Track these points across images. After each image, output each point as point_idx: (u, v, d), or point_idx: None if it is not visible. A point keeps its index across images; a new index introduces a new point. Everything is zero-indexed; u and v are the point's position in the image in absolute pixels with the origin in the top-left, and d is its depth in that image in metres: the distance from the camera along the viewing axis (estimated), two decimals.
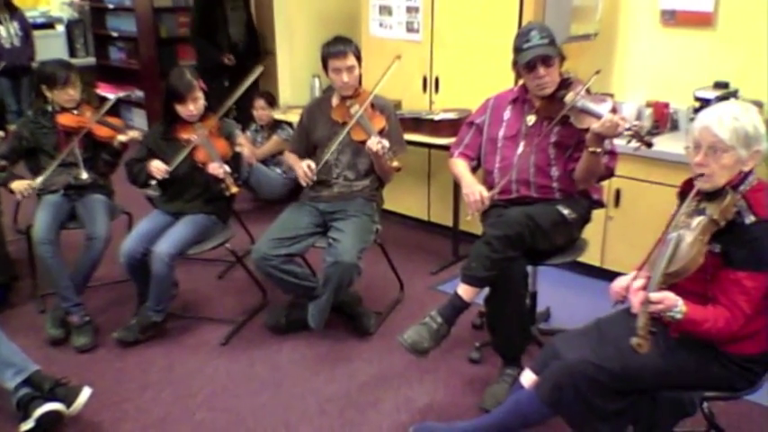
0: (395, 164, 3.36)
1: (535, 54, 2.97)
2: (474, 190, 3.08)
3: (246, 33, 6.06)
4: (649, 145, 2.82)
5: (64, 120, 3.73)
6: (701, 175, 2.24)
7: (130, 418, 3.00)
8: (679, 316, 2.15)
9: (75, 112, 3.77)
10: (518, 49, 3.04)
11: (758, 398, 2.73)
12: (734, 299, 2.18)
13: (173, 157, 3.53)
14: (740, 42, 3.87)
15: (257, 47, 6.12)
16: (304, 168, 3.46)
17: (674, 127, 4.12)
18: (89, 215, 3.67)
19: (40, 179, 3.63)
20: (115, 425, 2.95)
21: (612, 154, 3.09)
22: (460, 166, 3.28)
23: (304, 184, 3.49)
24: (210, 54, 5.94)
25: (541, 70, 3.00)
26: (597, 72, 3.01)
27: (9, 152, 3.75)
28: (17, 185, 3.60)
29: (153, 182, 3.56)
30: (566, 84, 3.06)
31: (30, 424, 2.78)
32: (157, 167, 3.52)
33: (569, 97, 2.98)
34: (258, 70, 3.87)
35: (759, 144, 2.22)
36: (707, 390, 2.33)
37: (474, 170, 3.31)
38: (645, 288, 2.19)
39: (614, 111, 2.88)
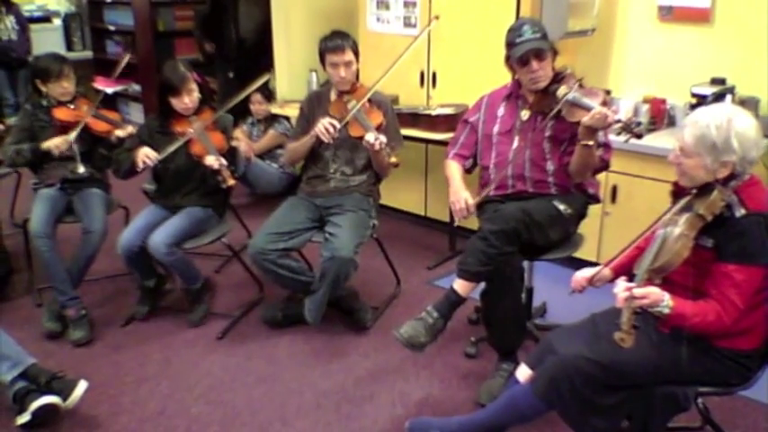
0: (393, 160, 3.36)
1: (528, 48, 2.97)
2: (459, 197, 3.09)
3: (256, 30, 6.08)
4: (639, 136, 2.84)
5: (60, 114, 3.72)
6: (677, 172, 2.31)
7: (127, 412, 3.00)
8: (666, 311, 2.17)
9: (72, 106, 3.77)
10: (510, 44, 3.03)
11: (752, 393, 2.74)
12: (725, 292, 2.19)
13: (167, 150, 3.52)
14: (737, 38, 3.87)
15: (269, 44, 6.12)
16: (325, 124, 3.35)
17: (671, 123, 4.12)
18: (86, 209, 3.67)
19: (74, 133, 3.63)
20: (111, 418, 2.96)
21: (607, 146, 3.10)
22: (452, 170, 3.28)
23: (325, 140, 3.36)
24: (200, 45, 6.21)
25: (534, 64, 3.00)
26: (580, 80, 3.00)
27: (15, 144, 3.73)
28: (50, 143, 3.62)
29: (139, 168, 3.52)
30: (559, 78, 3.06)
31: (26, 417, 2.79)
32: (147, 154, 3.48)
33: (562, 91, 2.98)
34: (265, 77, 3.86)
35: (729, 155, 2.18)
36: (701, 385, 2.34)
37: (470, 169, 3.32)
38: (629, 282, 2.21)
39: (605, 104, 2.88)
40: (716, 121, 2.19)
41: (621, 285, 2.18)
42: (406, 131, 4.02)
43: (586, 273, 2.53)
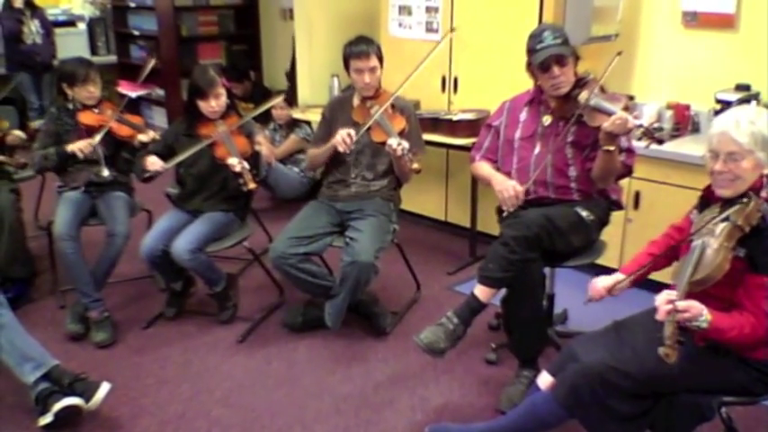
0: (415, 165, 3.34)
1: (549, 54, 2.96)
2: (507, 186, 3.06)
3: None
4: (660, 141, 2.81)
5: (85, 118, 3.75)
6: (722, 182, 2.24)
7: (148, 414, 3.02)
8: (704, 325, 2.13)
9: (96, 110, 3.80)
10: (532, 51, 3.02)
11: None
12: (760, 304, 2.16)
13: (186, 152, 3.54)
14: (762, 44, 3.83)
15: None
16: (343, 135, 3.37)
17: (695, 129, 4.08)
18: (110, 212, 3.71)
19: (98, 136, 3.65)
20: (132, 420, 2.98)
21: (630, 152, 3.07)
22: (486, 167, 3.27)
23: (341, 149, 3.38)
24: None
25: (556, 70, 2.98)
26: (619, 53, 2.97)
27: (42, 148, 3.77)
28: (74, 146, 3.63)
29: (147, 174, 3.53)
30: (581, 83, 3.04)
31: (48, 418, 2.81)
32: (152, 162, 3.52)
33: (583, 96, 2.97)
34: (276, 99, 3.90)
35: None
36: (726, 394, 2.31)
37: None
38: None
39: (627, 109, 2.86)
40: (753, 117, 2.20)
41: (663, 297, 2.13)
42: (426, 136, 4.02)
43: (606, 282, 2.51)
